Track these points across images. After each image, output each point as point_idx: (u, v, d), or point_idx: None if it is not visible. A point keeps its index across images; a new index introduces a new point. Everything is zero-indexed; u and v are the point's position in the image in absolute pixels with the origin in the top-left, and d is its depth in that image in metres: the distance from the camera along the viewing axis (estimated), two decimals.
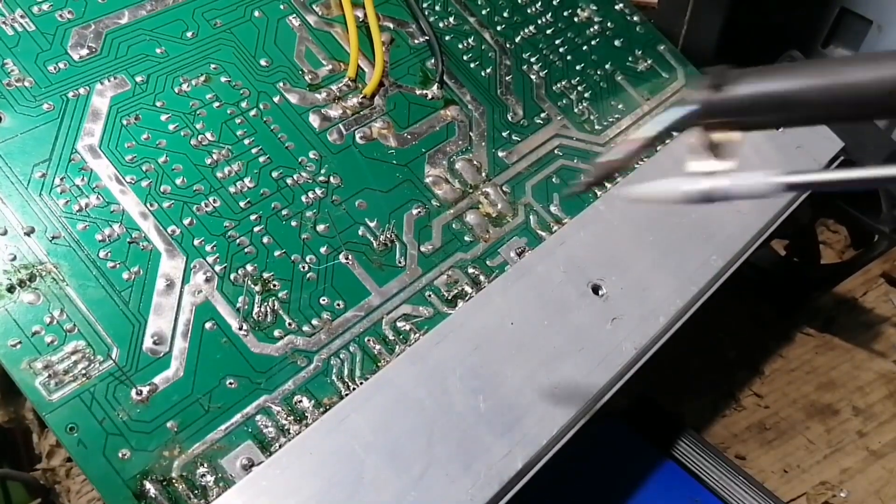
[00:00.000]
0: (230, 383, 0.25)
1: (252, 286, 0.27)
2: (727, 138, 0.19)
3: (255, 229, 0.28)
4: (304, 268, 0.28)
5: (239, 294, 0.26)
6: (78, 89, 0.28)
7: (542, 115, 0.35)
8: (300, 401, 0.25)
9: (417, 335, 0.27)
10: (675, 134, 0.23)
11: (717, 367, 0.46)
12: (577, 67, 0.37)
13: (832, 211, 0.50)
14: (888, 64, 0.17)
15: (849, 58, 0.19)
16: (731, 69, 0.19)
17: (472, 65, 0.35)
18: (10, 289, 0.24)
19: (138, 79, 0.29)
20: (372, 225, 0.29)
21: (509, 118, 0.34)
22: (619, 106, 0.37)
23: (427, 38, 0.35)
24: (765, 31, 0.43)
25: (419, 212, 0.30)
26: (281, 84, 0.31)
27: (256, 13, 0.32)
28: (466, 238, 0.30)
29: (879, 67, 0.17)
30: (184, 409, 0.24)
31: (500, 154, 0.33)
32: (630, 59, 0.39)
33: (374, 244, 0.29)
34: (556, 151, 0.34)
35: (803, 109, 0.18)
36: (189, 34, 0.31)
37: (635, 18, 0.40)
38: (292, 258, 0.28)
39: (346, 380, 0.26)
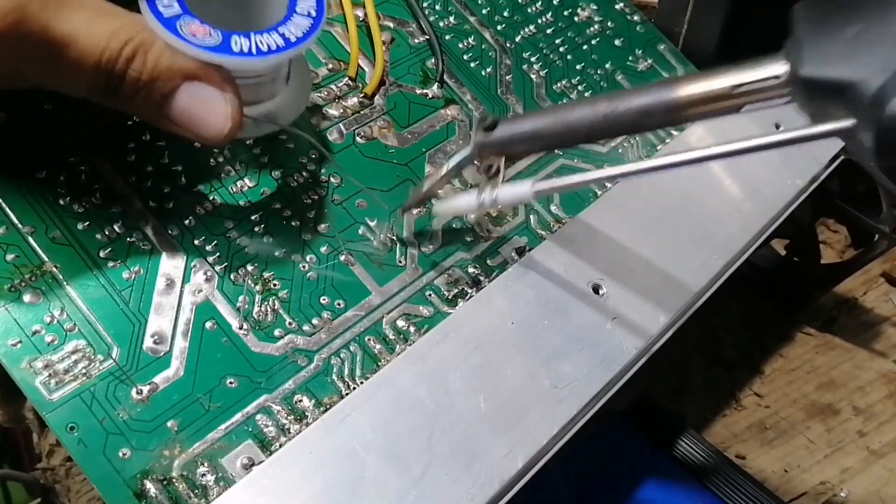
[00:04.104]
0: (230, 383, 0.25)
1: (252, 286, 0.27)
2: (498, 163, 0.26)
3: (256, 229, 0.28)
4: (304, 267, 0.28)
5: (239, 293, 0.26)
6: None
7: None
8: (300, 400, 0.25)
9: (418, 335, 0.27)
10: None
11: (717, 367, 0.46)
12: (578, 67, 0.37)
13: (832, 211, 0.50)
14: (583, 107, 0.24)
15: (570, 102, 0.27)
16: (494, 117, 0.26)
17: (472, 64, 0.35)
18: (11, 288, 0.24)
19: None
20: (372, 224, 0.29)
21: (509, 118, 0.34)
22: None
23: (427, 37, 0.35)
24: (765, 31, 0.43)
25: (419, 211, 0.30)
26: None
27: None
28: (467, 237, 0.30)
29: (581, 109, 0.24)
30: (184, 409, 0.24)
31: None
32: (630, 58, 0.39)
33: (375, 243, 0.29)
34: (556, 151, 0.34)
35: (543, 141, 0.25)
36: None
37: (635, 18, 0.40)
38: (292, 258, 0.28)
39: (347, 379, 0.26)
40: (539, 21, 0.38)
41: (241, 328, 0.26)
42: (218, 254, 0.27)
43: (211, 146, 0.26)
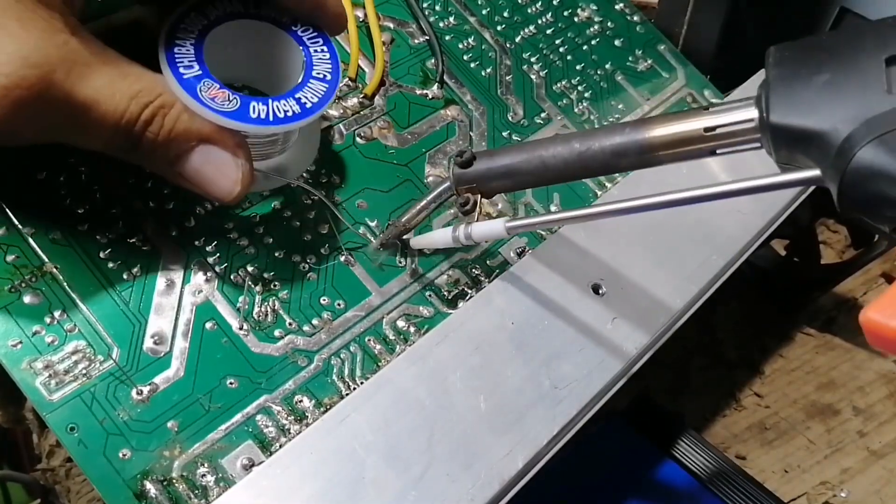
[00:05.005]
0: (231, 383, 0.25)
1: (252, 286, 0.27)
2: (474, 199, 0.26)
3: (256, 229, 0.28)
4: (304, 268, 0.28)
5: (239, 294, 0.26)
6: None
7: (543, 114, 0.35)
8: (301, 400, 0.25)
9: (418, 335, 0.27)
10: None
11: (717, 367, 0.46)
12: (578, 67, 0.37)
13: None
14: (557, 145, 0.24)
15: (544, 140, 0.25)
16: (473, 151, 0.26)
17: (472, 65, 0.35)
18: (11, 289, 0.24)
19: None
20: (372, 225, 0.29)
21: (509, 118, 0.34)
22: (620, 106, 0.37)
23: (427, 37, 0.35)
24: (764, 31, 0.43)
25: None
26: None
27: None
28: None
29: (555, 147, 0.24)
30: (184, 409, 0.24)
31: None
32: (630, 59, 0.39)
33: (375, 244, 0.29)
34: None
35: (518, 178, 0.25)
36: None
37: (635, 18, 0.40)
38: (292, 258, 0.28)
39: (347, 379, 0.26)
40: (539, 21, 0.38)
41: (241, 329, 0.26)
42: (218, 254, 0.27)
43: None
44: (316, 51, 0.26)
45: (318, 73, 0.26)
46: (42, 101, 0.21)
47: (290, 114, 0.24)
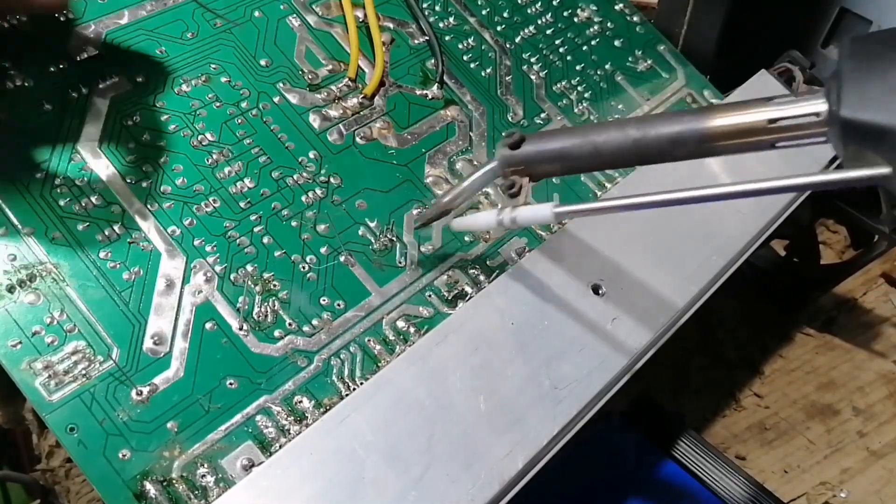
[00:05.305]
0: (230, 383, 0.25)
1: (252, 286, 0.27)
2: (521, 182, 0.26)
3: (256, 229, 0.28)
4: (304, 268, 0.28)
5: (239, 294, 0.26)
6: (78, 89, 0.28)
7: (542, 115, 0.35)
8: (300, 401, 0.25)
9: (417, 335, 0.27)
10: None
11: (717, 367, 0.46)
12: (577, 67, 0.37)
13: (832, 211, 0.50)
14: (611, 130, 0.24)
15: (599, 124, 0.25)
16: (520, 133, 0.25)
17: (472, 65, 0.35)
18: (10, 289, 0.24)
19: (138, 79, 0.29)
20: (372, 225, 0.29)
21: (509, 118, 0.34)
22: (620, 106, 0.37)
23: (427, 38, 0.35)
24: (765, 31, 0.43)
25: (419, 212, 0.30)
26: (281, 84, 0.31)
27: (257, 13, 0.32)
28: (467, 238, 0.30)
29: (609, 132, 0.24)
30: (184, 410, 0.24)
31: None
32: (630, 59, 0.39)
33: (375, 244, 0.29)
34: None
35: (568, 162, 0.25)
36: (189, 34, 0.31)
37: (635, 18, 0.40)
38: (292, 258, 0.28)
39: (347, 380, 0.26)
40: (539, 22, 0.38)
41: (241, 329, 0.26)
42: (218, 254, 0.27)
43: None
44: None
45: None
46: None
47: None
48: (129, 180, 0.27)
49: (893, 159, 0.19)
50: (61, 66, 0.28)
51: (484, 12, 0.37)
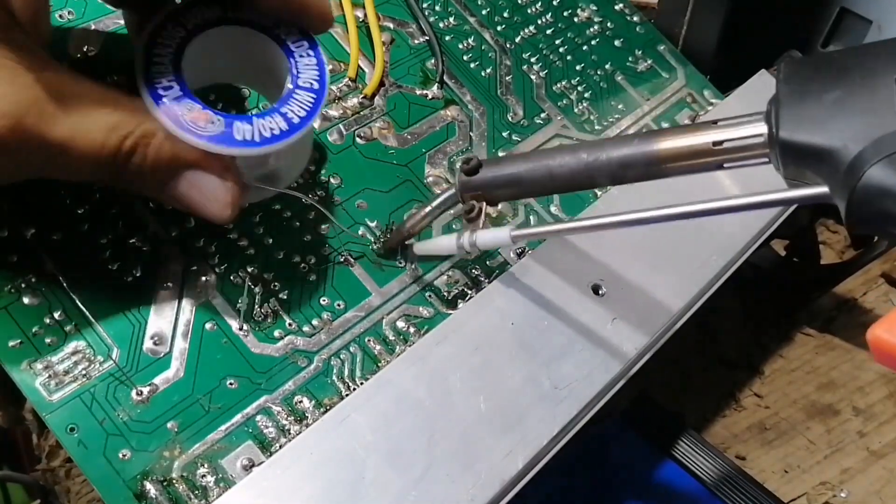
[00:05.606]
0: (230, 384, 0.25)
1: (252, 286, 0.27)
2: (479, 206, 0.26)
3: (256, 230, 0.28)
4: (304, 268, 0.28)
5: (239, 295, 0.26)
6: None
7: (543, 115, 0.35)
8: (300, 401, 0.25)
9: (417, 336, 0.27)
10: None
11: (717, 367, 0.46)
12: (577, 67, 0.37)
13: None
14: (564, 154, 0.24)
15: (552, 150, 0.25)
16: (477, 159, 0.26)
17: (472, 65, 0.35)
18: (11, 290, 0.24)
19: None
20: (372, 225, 0.29)
21: (509, 118, 0.34)
22: (620, 106, 0.37)
23: (427, 38, 0.35)
24: (765, 31, 0.43)
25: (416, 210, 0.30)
26: None
27: None
28: None
29: (562, 156, 0.24)
30: (184, 410, 0.24)
31: (501, 154, 0.33)
32: (630, 59, 0.39)
33: (375, 244, 0.29)
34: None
35: (524, 187, 0.25)
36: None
37: (635, 18, 0.40)
38: (292, 259, 0.28)
39: (347, 380, 0.26)
40: (539, 22, 0.38)
41: (241, 329, 0.26)
42: (218, 254, 0.27)
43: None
44: (301, 56, 0.24)
45: (305, 83, 0.24)
46: (17, 149, 0.20)
47: (276, 132, 0.23)
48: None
49: (829, 178, 0.19)
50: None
51: (484, 12, 0.37)
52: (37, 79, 0.20)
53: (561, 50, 0.38)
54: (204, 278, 0.26)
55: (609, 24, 0.39)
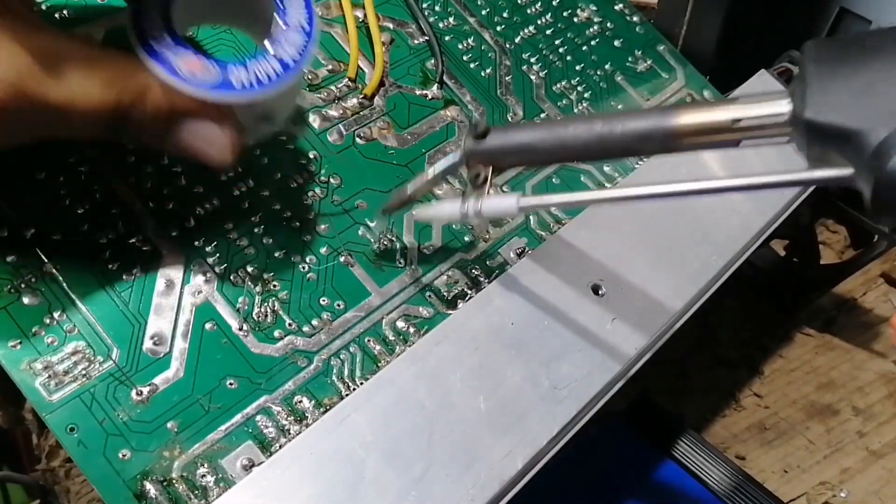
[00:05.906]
0: (230, 384, 0.25)
1: (252, 287, 0.27)
2: (486, 173, 0.26)
3: (256, 230, 0.28)
4: (304, 268, 0.28)
5: (239, 294, 0.26)
6: None
7: (542, 115, 0.35)
8: (300, 401, 0.25)
9: (417, 336, 0.27)
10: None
11: (717, 367, 0.46)
12: (577, 68, 0.37)
13: (832, 211, 0.50)
14: (578, 125, 0.24)
15: (565, 119, 0.26)
16: (486, 124, 0.25)
17: (472, 65, 0.35)
18: (10, 290, 0.24)
19: None
20: (372, 225, 0.29)
21: (509, 118, 0.34)
22: (619, 106, 0.37)
23: (427, 38, 0.35)
24: (765, 31, 0.43)
25: (416, 211, 0.30)
26: None
27: None
28: (466, 238, 0.30)
29: (576, 126, 0.24)
30: (184, 410, 0.24)
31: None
32: (630, 59, 0.39)
33: (374, 244, 0.29)
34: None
35: (533, 154, 0.25)
36: (189, 34, 0.30)
37: (635, 18, 0.40)
38: (292, 259, 0.28)
39: (347, 380, 0.26)
40: (538, 22, 0.38)
41: (240, 329, 0.26)
42: (218, 255, 0.27)
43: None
44: None
45: (294, 22, 0.24)
46: (18, 114, 0.20)
47: (272, 76, 0.23)
48: (129, 180, 0.27)
49: (855, 161, 0.19)
50: None
51: (484, 12, 0.37)
52: (33, 43, 0.20)
53: (561, 50, 0.38)
54: (204, 278, 0.26)
55: (609, 25, 0.39)
